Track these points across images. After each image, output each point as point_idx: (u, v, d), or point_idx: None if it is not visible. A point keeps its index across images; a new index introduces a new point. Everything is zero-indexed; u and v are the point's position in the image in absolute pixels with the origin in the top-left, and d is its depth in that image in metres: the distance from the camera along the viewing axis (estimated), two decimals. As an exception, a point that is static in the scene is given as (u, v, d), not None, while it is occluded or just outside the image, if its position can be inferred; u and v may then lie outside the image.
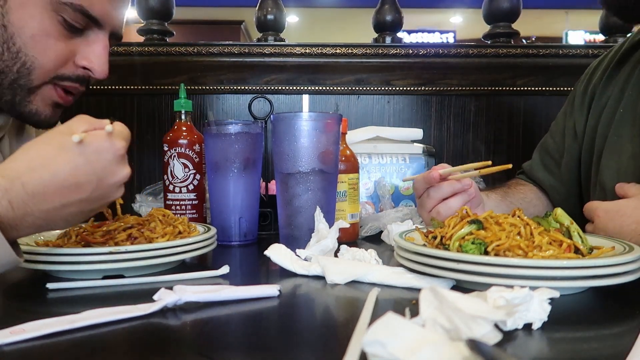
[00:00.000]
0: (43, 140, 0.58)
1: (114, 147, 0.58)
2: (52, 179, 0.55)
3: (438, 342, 0.37)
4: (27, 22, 0.73)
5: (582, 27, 7.53)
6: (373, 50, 1.43)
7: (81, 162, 0.56)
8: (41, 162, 0.56)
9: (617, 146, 0.90)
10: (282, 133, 0.84)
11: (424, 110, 1.48)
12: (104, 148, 0.58)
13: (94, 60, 0.80)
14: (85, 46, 0.80)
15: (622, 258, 0.54)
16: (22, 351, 0.42)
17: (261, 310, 0.54)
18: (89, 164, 0.57)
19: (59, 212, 0.57)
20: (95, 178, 0.58)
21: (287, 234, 0.85)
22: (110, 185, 0.59)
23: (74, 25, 0.76)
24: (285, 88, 1.44)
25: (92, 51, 0.80)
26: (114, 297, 0.59)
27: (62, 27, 0.76)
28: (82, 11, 0.75)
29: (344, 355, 0.37)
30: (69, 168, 0.56)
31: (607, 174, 0.90)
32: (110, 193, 0.60)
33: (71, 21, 0.75)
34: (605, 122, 0.93)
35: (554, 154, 1.06)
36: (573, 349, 0.44)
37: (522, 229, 0.59)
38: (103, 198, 0.60)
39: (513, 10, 1.47)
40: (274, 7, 1.45)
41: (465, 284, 0.57)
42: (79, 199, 0.57)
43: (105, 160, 0.58)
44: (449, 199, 0.84)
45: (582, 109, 1.00)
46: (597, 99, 0.97)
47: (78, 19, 0.76)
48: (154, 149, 1.40)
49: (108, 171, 0.58)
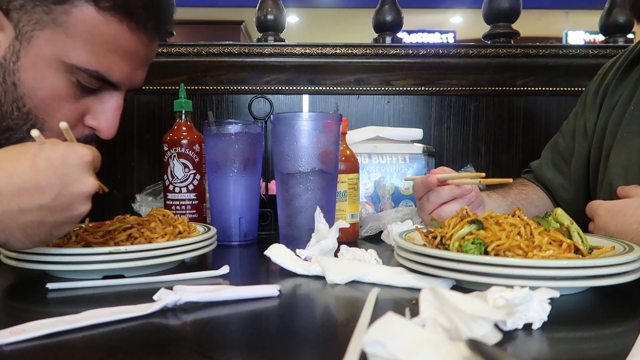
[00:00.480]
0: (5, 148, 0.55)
1: (78, 152, 0.54)
2: (10, 179, 0.52)
3: (438, 342, 0.37)
4: (39, 83, 0.69)
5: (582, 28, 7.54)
6: (373, 50, 1.43)
7: (42, 164, 0.53)
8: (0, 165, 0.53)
9: (626, 142, 0.90)
10: (282, 133, 0.84)
11: (424, 111, 1.48)
12: (68, 152, 0.54)
13: (102, 121, 0.76)
14: (97, 105, 0.75)
15: (622, 258, 0.54)
16: (22, 351, 0.42)
17: (261, 310, 0.54)
18: (50, 167, 0.53)
19: (17, 218, 0.52)
20: (59, 183, 0.53)
21: (287, 234, 0.85)
22: (75, 195, 0.54)
23: (88, 86, 0.72)
24: (285, 88, 1.44)
25: (102, 111, 0.75)
26: (114, 297, 0.59)
27: (76, 88, 0.72)
28: (100, 77, 0.71)
29: (344, 355, 0.37)
30: (28, 169, 0.52)
31: (614, 170, 0.90)
32: (75, 205, 0.55)
33: (85, 83, 0.71)
34: (615, 120, 0.94)
35: (564, 153, 1.07)
36: (573, 349, 0.44)
37: (522, 229, 0.59)
38: (66, 209, 0.54)
39: (513, 11, 1.47)
40: (274, 7, 1.45)
41: (465, 284, 0.57)
42: (39, 205, 0.53)
43: (69, 165, 0.54)
44: (449, 203, 0.84)
45: (593, 108, 1.00)
46: (609, 98, 0.97)
47: (93, 82, 0.72)
48: (154, 149, 1.40)
49: (72, 178, 0.54)
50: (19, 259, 0.64)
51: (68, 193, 0.54)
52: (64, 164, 0.53)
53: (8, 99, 0.70)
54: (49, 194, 0.53)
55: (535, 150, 1.17)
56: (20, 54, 0.69)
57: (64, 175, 0.53)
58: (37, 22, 0.68)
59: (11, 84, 0.69)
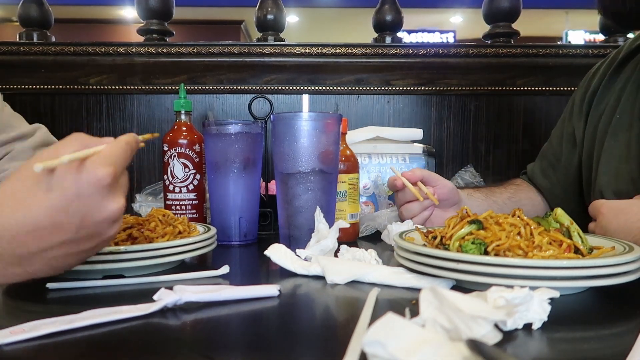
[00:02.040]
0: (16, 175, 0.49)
1: (95, 176, 0.47)
2: (24, 220, 0.47)
3: (438, 342, 0.37)
4: None
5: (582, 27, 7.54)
6: (373, 50, 1.43)
7: (55, 199, 0.47)
8: (12, 201, 0.47)
9: (613, 150, 0.90)
10: (282, 133, 0.84)
11: (423, 110, 1.48)
12: (78, 179, 0.47)
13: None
14: None
15: (622, 258, 0.54)
16: (22, 351, 0.42)
17: (261, 310, 0.54)
18: (65, 201, 0.47)
19: (38, 257, 0.48)
20: (78, 215, 0.47)
21: (287, 234, 0.85)
22: (98, 222, 0.49)
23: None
24: (285, 88, 1.44)
25: None
26: (114, 297, 0.59)
27: None
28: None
29: (344, 355, 0.37)
30: (42, 207, 0.47)
31: (603, 178, 0.90)
32: (102, 230, 0.50)
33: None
34: (602, 127, 0.94)
35: (550, 158, 1.07)
36: (573, 349, 0.44)
37: (522, 229, 0.59)
38: (94, 237, 0.50)
39: (513, 10, 1.47)
40: (274, 7, 1.45)
41: (465, 284, 0.57)
42: (61, 242, 0.48)
43: (85, 196, 0.47)
44: (411, 203, 0.92)
45: (580, 116, 1.01)
46: (595, 105, 0.98)
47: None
48: (154, 149, 1.40)
49: (91, 207, 0.48)
50: (19, 259, 0.63)
51: (90, 223, 0.49)
52: (79, 196, 0.47)
53: None
54: (68, 229, 0.48)
55: (535, 150, 1.17)
56: None
57: (82, 206, 0.48)
58: None
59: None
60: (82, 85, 1.41)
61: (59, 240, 0.48)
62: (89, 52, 1.39)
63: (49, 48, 1.39)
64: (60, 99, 1.41)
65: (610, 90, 0.96)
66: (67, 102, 1.42)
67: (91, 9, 6.94)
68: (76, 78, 1.41)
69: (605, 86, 0.97)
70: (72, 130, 1.04)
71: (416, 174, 0.92)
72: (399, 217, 0.96)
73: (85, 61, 1.40)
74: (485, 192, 1.04)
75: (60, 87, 1.41)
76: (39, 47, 1.39)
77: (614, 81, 0.96)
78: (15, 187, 0.48)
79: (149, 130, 1.43)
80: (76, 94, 1.42)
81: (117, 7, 6.97)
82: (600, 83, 0.98)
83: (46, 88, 1.37)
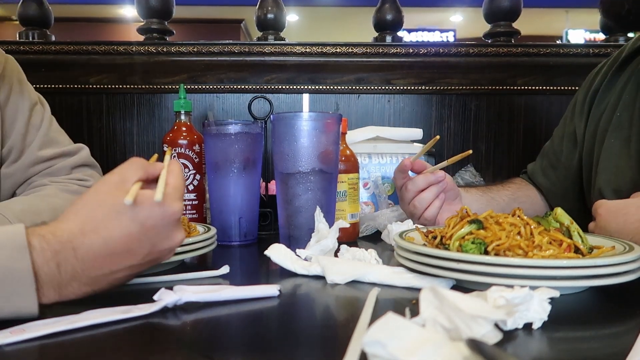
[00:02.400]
0: (96, 200, 0.53)
1: (170, 210, 0.53)
2: (104, 246, 0.51)
3: (438, 342, 0.37)
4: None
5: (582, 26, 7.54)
6: (373, 49, 1.43)
7: (134, 228, 0.52)
8: (94, 226, 0.51)
9: (613, 149, 0.90)
10: (282, 133, 0.84)
11: (424, 110, 1.48)
12: (160, 213, 0.52)
13: None
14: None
15: (622, 258, 0.54)
16: (22, 351, 0.42)
17: (261, 310, 0.54)
18: (143, 230, 0.52)
19: (107, 277, 0.52)
20: (149, 244, 0.53)
21: (287, 234, 0.85)
22: (164, 250, 0.55)
23: None
24: (285, 87, 1.44)
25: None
26: (114, 297, 0.59)
27: None
28: None
29: (344, 355, 0.37)
30: (122, 235, 0.51)
31: (603, 177, 0.90)
32: (162, 257, 0.56)
33: None
34: (603, 126, 0.94)
35: (551, 157, 1.07)
36: (573, 349, 0.44)
37: (522, 228, 0.59)
38: (153, 262, 0.55)
39: (513, 9, 1.47)
40: (274, 6, 1.45)
41: (465, 283, 0.57)
42: (130, 265, 0.53)
43: (161, 226, 0.53)
44: (425, 190, 0.89)
45: (582, 114, 1.01)
46: (597, 105, 0.98)
47: None
48: (154, 149, 1.40)
49: (162, 237, 0.54)
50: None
51: (157, 251, 0.54)
52: (155, 226, 0.53)
53: None
54: (139, 254, 0.53)
55: (535, 150, 1.17)
56: None
57: (155, 235, 0.53)
58: None
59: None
60: (82, 84, 1.41)
61: (129, 264, 0.53)
62: (89, 51, 1.39)
63: (49, 47, 1.39)
64: (60, 98, 1.41)
65: (612, 90, 0.96)
66: (67, 102, 1.42)
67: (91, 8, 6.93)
68: (76, 77, 1.41)
69: (607, 85, 0.97)
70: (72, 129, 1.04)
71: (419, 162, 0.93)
72: (410, 214, 0.92)
73: (85, 60, 1.40)
74: (482, 189, 1.04)
75: (60, 86, 1.41)
76: (38, 46, 1.39)
77: (616, 80, 0.96)
78: (97, 214, 0.52)
79: (149, 130, 1.43)
80: (76, 93, 1.42)
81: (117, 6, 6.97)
82: (602, 82, 0.98)
83: (46, 87, 1.37)
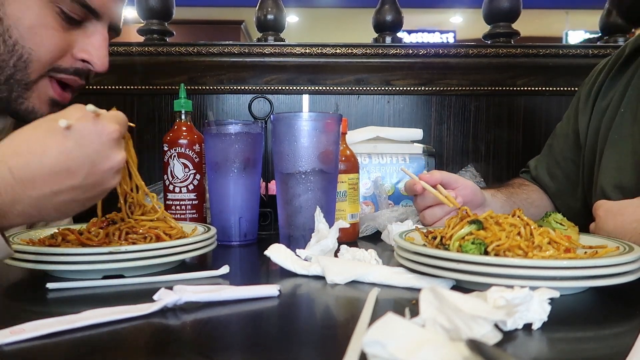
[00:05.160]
0: (31, 125, 0.55)
1: (106, 129, 0.55)
2: (40, 164, 0.52)
3: (438, 342, 0.37)
4: (24, 14, 0.72)
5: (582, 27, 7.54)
6: (373, 50, 1.43)
7: (71, 145, 0.53)
8: (28, 146, 0.53)
9: (617, 145, 0.90)
10: (282, 133, 0.84)
11: (424, 110, 1.48)
12: (94, 131, 0.54)
13: (92, 52, 0.79)
14: (83, 38, 0.78)
15: (622, 258, 0.54)
16: (22, 351, 0.42)
17: (261, 310, 0.54)
18: (79, 147, 0.53)
19: (51, 199, 0.53)
20: (88, 162, 0.54)
21: (287, 234, 0.85)
22: (105, 170, 0.55)
23: (72, 16, 0.75)
24: (285, 88, 1.44)
25: (90, 43, 0.79)
26: (114, 297, 0.59)
27: (60, 19, 0.75)
28: (81, 2, 0.75)
29: (344, 355, 0.37)
30: (58, 152, 0.53)
31: (606, 173, 0.90)
32: (105, 180, 0.56)
33: (69, 12, 0.74)
34: (607, 122, 0.94)
35: (557, 157, 1.07)
36: (573, 349, 0.44)
37: (522, 229, 0.59)
38: (98, 185, 0.56)
39: (513, 10, 1.47)
40: (274, 7, 1.45)
41: (465, 284, 0.57)
42: (71, 186, 0.54)
43: (97, 143, 0.54)
44: (432, 207, 0.88)
45: (585, 111, 1.00)
46: (600, 101, 0.97)
47: (76, 10, 0.75)
48: (154, 149, 1.40)
49: (101, 155, 0.55)
50: (19, 259, 0.63)
51: (98, 171, 0.55)
52: (91, 142, 0.54)
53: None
54: (79, 174, 0.54)
55: (535, 150, 1.17)
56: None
57: (93, 153, 0.54)
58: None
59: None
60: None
61: (70, 184, 0.54)
62: (89, 52, 1.39)
63: (49, 48, 1.39)
64: (60, 99, 1.40)
65: (616, 86, 0.95)
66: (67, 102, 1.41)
67: (91, 9, 6.94)
68: (76, 78, 1.41)
69: (610, 82, 0.97)
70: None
71: (435, 176, 0.86)
72: (421, 221, 0.91)
73: (85, 61, 1.40)
74: (505, 193, 1.02)
75: (60, 87, 1.40)
76: (39, 47, 1.39)
77: (620, 77, 0.95)
78: (31, 135, 0.53)
79: (150, 130, 1.43)
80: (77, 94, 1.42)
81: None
82: (606, 78, 0.98)
83: (46, 88, 1.36)
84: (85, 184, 0.54)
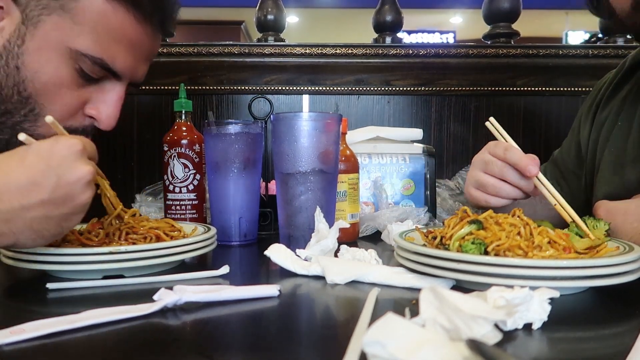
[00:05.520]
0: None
1: (67, 142, 0.55)
2: (6, 178, 0.53)
3: (438, 342, 0.37)
4: (43, 67, 0.70)
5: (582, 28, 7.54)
6: (373, 50, 1.43)
7: (33, 159, 0.54)
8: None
9: (613, 157, 0.90)
10: (282, 133, 0.84)
11: (424, 111, 1.48)
12: (55, 144, 0.55)
13: (102, 110, 0.76)
14: (98, 94, 0.75)
15: (622, 258, 0.54)
16: (22, 351, 0.42)
17: (261, 310, 0.54)
18: (41, 160, 0.54)
19: (21, 215, 0.53)
20: (53, 175, 0.54)
21: (287, 234, 0.85)
22: (72, 183, 0.55)
23: (90, 75, 0.72)
24: (285, 88, 1.44)
25: (103, 101, 0.75)
26: (114, 297, 0.59)
27: (78, 76, 0.72)
28: (102, 65, 0.72)
29: (343, 356, 0.37)
30: (21, 167, 0.53)
31: (603, 184, 0.90)
32: (75, 193, 0.55)
33: (88, 72, 0.72)
34: (604, 135, 0.94)
35: (562, 169, 1.07)
36: (573, 349, 0.44)
37: (522, 229, 0.59)
38: (69, 199, 0.55)
39: (513, 11, 1.47)
40: (274, 8, 1.45)
41: (465, 284, 0.57)
42: (40, 200, 0.53)
43: (59, 156, 0.54)
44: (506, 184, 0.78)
45: (586, 124, 1.01)
46: (599, 114, 0.98)
47: (96, 70, 0.72)
48: (154, 149, 1.40)
49: (65, 167, 0.54)
50: (19, 259, 0.64)
51: (65, 183, 0.54)
52: (53, 155, 0.54)
53: (9, 82, 0.70)
54: (46, 187, 0.53)
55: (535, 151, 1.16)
56: (25, 38, 0.69)
57: (57, 166, 0.54)
58: (44, 7, 0.69)
59: (14, 67, 0.69)
60: (82, 85, 1.41)
61: (39, 198, 0.53)
62: (89, 52, 1.39)
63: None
64: (60, 99, 1.40)
65: (615, 99, 0.96)
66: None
67: (91, 9, 6.94)
68: (76, 78, 1.41)
69: (610, 94, 0.97)
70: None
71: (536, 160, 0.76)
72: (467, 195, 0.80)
73: (85, 61, 1.40)
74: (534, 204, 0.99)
75: (60, 87, 1.40)
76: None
77: (619, 90, 0.96)
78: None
79: (150, 130, 1.43)
80: (76, 94, 1.42)
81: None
82: (605, 93, 0.98)
83: (46, 88, 1.36)
84: (54, 197, 0.54)
